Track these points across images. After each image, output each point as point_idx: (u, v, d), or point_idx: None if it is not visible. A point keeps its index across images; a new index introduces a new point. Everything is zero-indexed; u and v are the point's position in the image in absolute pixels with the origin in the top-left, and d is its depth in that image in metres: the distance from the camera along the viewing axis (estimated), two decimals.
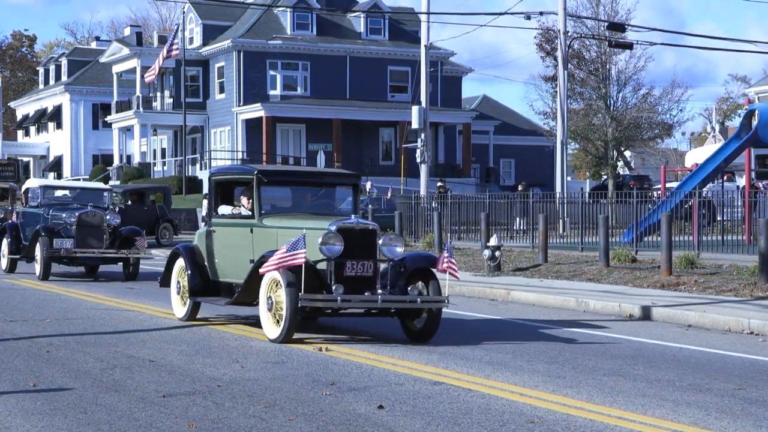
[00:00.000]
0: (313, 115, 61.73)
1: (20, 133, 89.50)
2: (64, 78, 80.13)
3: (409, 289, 13.13)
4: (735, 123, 71.87)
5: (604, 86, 51.09)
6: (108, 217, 23.69)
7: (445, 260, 13.26)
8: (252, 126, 61.56)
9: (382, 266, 13.26)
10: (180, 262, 15.31)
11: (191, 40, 65.85)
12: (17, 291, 20.18)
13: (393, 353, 12.24)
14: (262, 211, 14.04)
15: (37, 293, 19.79)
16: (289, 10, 63.23)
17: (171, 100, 66.65)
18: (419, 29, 47.56)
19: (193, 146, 66.85)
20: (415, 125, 39.10)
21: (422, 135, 39.05)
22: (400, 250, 13.28)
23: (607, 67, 51.24)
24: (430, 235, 29.88)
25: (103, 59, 72.06)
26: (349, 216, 13.55)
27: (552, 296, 18.85)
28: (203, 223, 15.57)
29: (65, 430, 8.08)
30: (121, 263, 23.67)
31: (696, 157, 42.87)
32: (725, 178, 34.64)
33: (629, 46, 43.44)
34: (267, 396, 9.46)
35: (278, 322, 12.86)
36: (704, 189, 28.17)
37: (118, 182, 59.05)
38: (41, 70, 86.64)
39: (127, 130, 68.71)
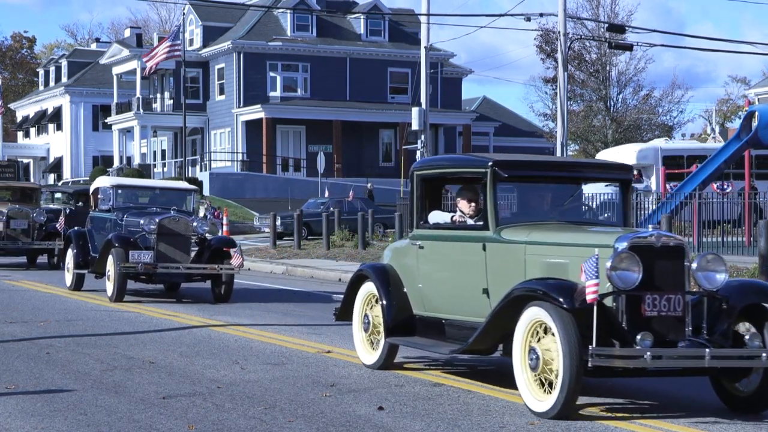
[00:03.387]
0: (313, 117, 61.76)
1: (20, 134, 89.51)
2: (64, 79, 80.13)
3: (747, 338, 8.87)
4: (735, 124, 71.87)
5: (604, 88, 51.20)
6: (195, 224, 19.41)
7: None
8: (252, 127, 61.57)
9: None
10: (368, 288, 11.23)
11: (191, 41, 65.84)
12: (18, 292, 20.18)
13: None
14: (499, 220, 9.94)
15: (37, 294, 19.79)
16: (289, 11, 63.24)
17: (171, 102, 66.67)
18: (419, 31, 47.58)
19: (193, 148, 66.86)
20: (415, 127, 39.10)
21: (422, 136, 39.05)
22: (722, 277, 8.96)
23: (608, 68, 51.36)
24: None
25: (103, 61, 72.07)
26: (634, 226, 10.26)
27: None
28: (406, 236, 11.26)
29: (65, 431, 8.08)
30: (210, 281, 19.17)
31: (608, 158, 42.76)
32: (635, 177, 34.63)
33: (629, 47, 43.47)
34: (267, 397, 9.45)
35: (544, 384, 8.82)
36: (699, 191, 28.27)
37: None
38: (41, 72, 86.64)
39: (127, 132, 68.73)
